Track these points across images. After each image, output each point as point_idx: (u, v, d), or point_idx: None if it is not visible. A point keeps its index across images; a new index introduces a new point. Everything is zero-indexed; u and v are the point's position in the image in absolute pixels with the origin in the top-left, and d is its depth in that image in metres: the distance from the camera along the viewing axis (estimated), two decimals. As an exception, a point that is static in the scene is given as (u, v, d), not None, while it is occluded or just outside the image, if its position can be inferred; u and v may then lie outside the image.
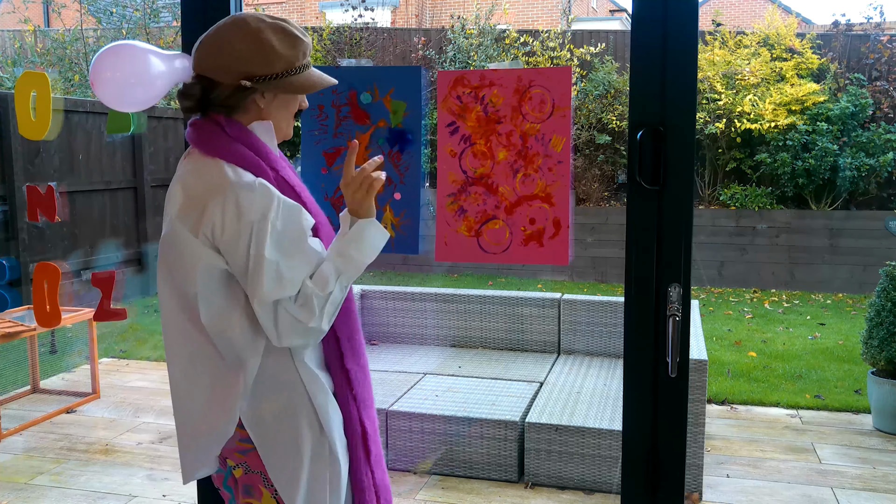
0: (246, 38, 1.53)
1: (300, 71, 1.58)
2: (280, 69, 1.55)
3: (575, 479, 3.47)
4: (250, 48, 1.53)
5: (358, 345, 1.69)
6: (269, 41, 1.53)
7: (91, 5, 11.33)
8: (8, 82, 9.59)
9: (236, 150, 1.53)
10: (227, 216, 1.48)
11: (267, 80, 1.55)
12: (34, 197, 2.34)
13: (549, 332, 4.72)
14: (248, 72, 1.53)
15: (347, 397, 1.65)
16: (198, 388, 1.61)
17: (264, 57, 1.53)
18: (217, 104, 1.57)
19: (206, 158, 1.55)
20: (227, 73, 1.54)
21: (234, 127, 1.56)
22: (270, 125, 1.61)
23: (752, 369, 5.41)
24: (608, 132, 9.31)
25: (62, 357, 5.66)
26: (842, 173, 8.22)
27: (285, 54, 1.55)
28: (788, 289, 8.33)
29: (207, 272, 1.52)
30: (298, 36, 1.58)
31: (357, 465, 1.66)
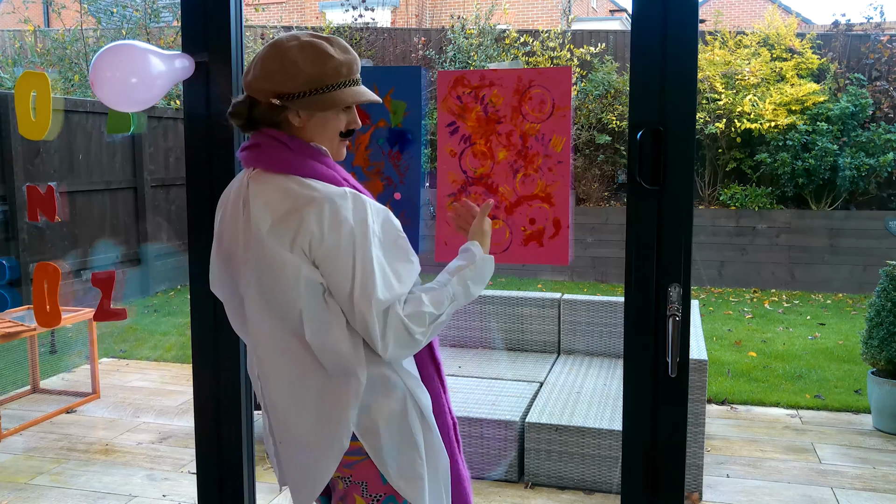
0: (273, 57, 1.55)
1: (332, 89, 1.56)
2: (304, 88, 1.54)
3: (575, 479, 3.47)
4: (275, 66, 1.55)
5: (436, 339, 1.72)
6: (294, 59, 1.54)
7: (91, 5, 11.32)
8: (8, 82, 9.59)
9: (309, 166, 1.55)
10: (325, 226, 1.47)
11: (292, 98, 1.54)
12: (34, 197, 2.34)
13: (549, 332, 4.72)
14: (275, 90, 1.55)
15: (439, 389, 1.69)
16: (307, 407, 1.60)
17: (286, 75, 1.54)
18: (258, 121, 1.60)
19: (280, 176, 1.54)
20: (261, 91, 1.56)
21: (296, 142, 1.57)
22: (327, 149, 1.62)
23: (752, 369, 5.40)
24: (608, 132, 9.30)
25: (62, 357, 5.66)
26: (842, 173, 8.22)
27: (309, 72, 1.53)
28: (788, 289, 8.33)
29: (310, 287, 1.51)
30: (328, 52, 1.55)
31: (453, 456, 1.70)
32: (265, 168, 1.57)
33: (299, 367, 1.58)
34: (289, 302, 1.53)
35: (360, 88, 1.61)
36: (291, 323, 1.54)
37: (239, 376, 2.14)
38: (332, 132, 1.62)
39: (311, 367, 1.57)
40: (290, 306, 1.53)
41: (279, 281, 1.52)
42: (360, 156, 2.01)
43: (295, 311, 1.52)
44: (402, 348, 1.52)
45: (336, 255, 1.48)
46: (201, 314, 2.15)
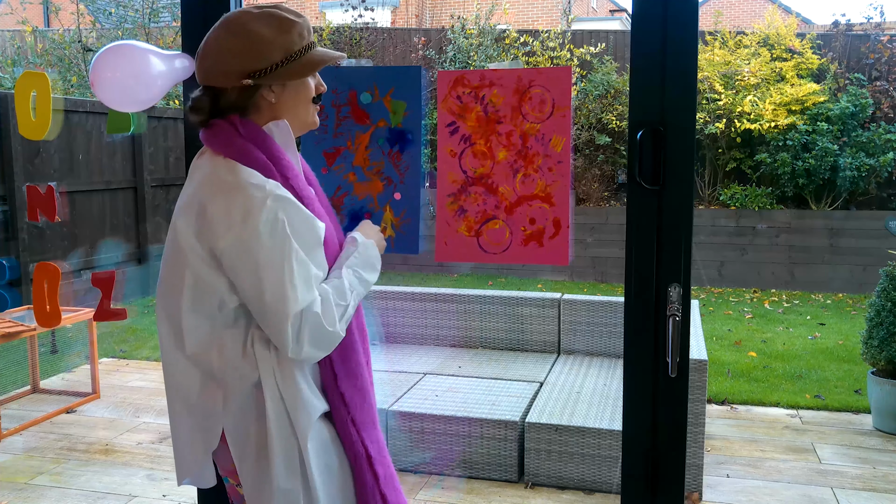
0: (235, 35, 1.47)
1: (301, 54, 1.51)
2: (277, 58, 1.48)
3: (575, 479, 3.47)
4: (242, 44, 1.46)
5: (355, 365, 1.60)
6: (259, 32, 1.47)
7: (90, 6, 11.32)
8: (8, 82, 9.59)
9: (248, 151, 1.47)
10: (232, 217, 1.41)
11: (267, 72, 1.48)
12: (34, 197, 2.34)
13: (549, 332, 4.72)
14: (247, 69, 1.47)
15: (346, 420, 1.57)
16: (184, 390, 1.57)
17: (257, 49, 1.46)
18: (228, 109, 1.51)
19: (217, 157, 1.49)
20: (227, 76, 1.48)
21: (248, 127, 1.50)
22: (286, 125, 1.54)
23: (752, 369, 5.41)
24: (608, 132, 9.31)
25: (62, 357, 5.66)
26: (842, 173, 8.22)
27: (279, 41, 1.48)
28: (788, 289, 8.33)
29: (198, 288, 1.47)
30: (290, 18, 1.50)
31: (364, 490, 1.58)
32: (209, 147, 1.52)
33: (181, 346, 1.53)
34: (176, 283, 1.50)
35: (323, 49, 1.57)
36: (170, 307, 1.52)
37: (239, 376, 2.14)
38: (306, 100, 1.58)
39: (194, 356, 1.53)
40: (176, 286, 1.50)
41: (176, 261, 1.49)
42: (360, 156, 2.01)
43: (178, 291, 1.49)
44: (320, 345, 1.45)
45: (240, 251, 1.41)
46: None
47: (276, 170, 1.48)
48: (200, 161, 1.55)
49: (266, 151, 1.49)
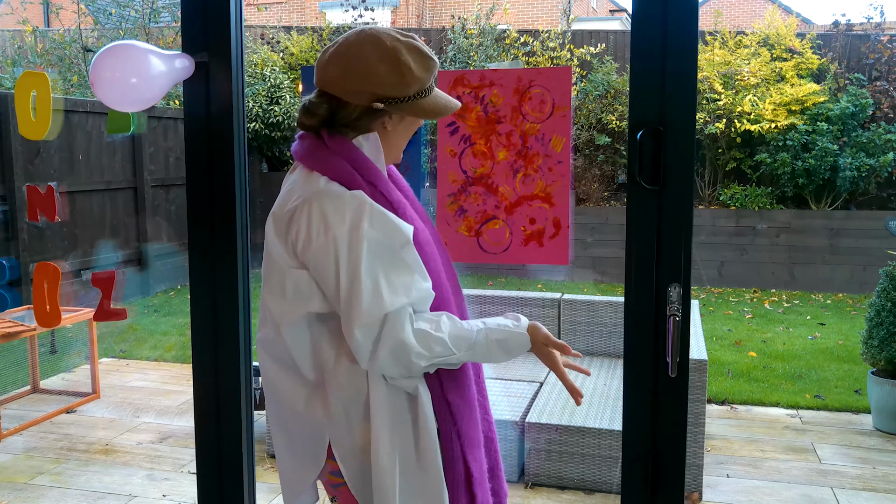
0: (384, 59, 1.44)
1: (428, 93, 1.51)
2: (413, 92, 1.47)
3: (575, 479, 3.47)
4: (388, 69, 1.44)
5: (463, 377, 1.55)
6: (408, 63, 1.45)
7: (90, 6, 11.32)
8: (8, 82, 9.59)
9: (335, 164, 1.45)
10: (312, 227, 1.40)
11: (400, 102, 1.47)
12: (34, 197, 2.34)
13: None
14: (383, 94, 1.46)
15: (451, 434, 1.50)
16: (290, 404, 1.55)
17: (401, 79, 1.45)
18: (343, 124, 1.49)
19: (304, 171, 1.48)
20: (360, 93, 1.46)
21: (335, 141, 1.47)
22: (376, 138, 1.51)
23: (752, 369, 5.40)
24: (608, 132, 9.31)
25: (62, 357, 5.66)
26: (842, 173, 8.22)
27: (420, 77, 1.47)
28: (788, 289, 8.33)
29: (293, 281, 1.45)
30: (431, 57, 1.50)
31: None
32: (300, 162, 1.51)
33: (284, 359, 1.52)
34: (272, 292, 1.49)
35: (443, 94, 1.57)
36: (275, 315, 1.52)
37: (239, 376, 2.14)
38: (411, 133, 1.58)
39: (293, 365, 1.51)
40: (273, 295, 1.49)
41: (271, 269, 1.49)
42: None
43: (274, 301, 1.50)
44: (393, 364, 1.41)
45: (325, 261, 1.40)
46: (201, 314, 2.15)
47: (363, 178, 1.46)
48: (291, 176, 1.55)
49: (353, 162, 1.47)
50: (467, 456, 1.52)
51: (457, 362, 1.48)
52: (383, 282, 1.39)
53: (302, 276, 1.44)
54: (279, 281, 1.47)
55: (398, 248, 1.42)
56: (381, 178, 1.49)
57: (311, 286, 1.44)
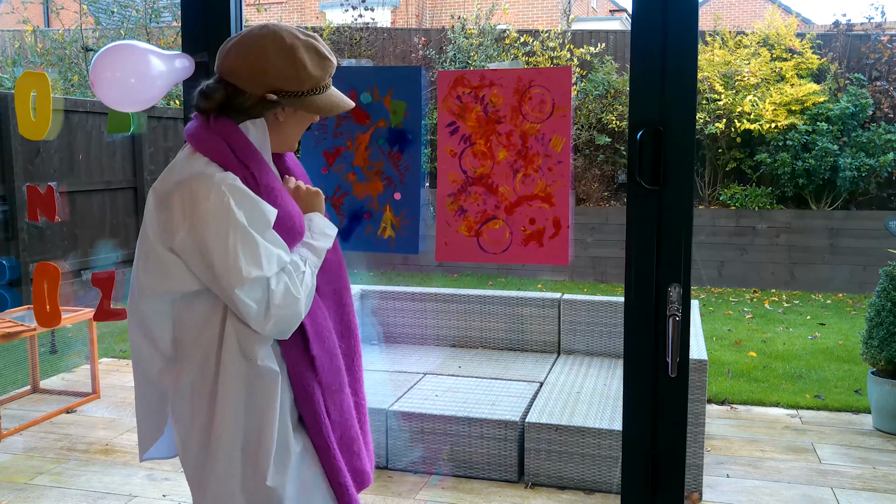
0: (281, 54, 1.53)
1: (323, 91, 1.60)
2: (307, 88, 1.56)
3: (575, 479, 3.47)
4: (284, 64, 1.53)
5: (323, 329, 1.65)
6: (303, 60, 1.54)
7: (91, 5, 11.32)
8: (8, 82, 9.59)
9: (215, 145, 1.53)
10: (184, 208, 1.47)
11: (293, 96, 1.56)
12: (34, 197, 2.34)
13: (549, 332, 4.72)
14: (278, 87, 1.54)
15: (311, 383, 1.61)
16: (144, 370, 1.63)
17: (296, 75, 1.54)
18: (237, 110, 1.56)
19: (189, 150, 1.56)
20: (256, 83, 1.54)
21: (220, 123, 1.55)
22: (263, 123, 1.59)
23: (752, 369, 5.41)
24: (608, 132, 9.31)
25: (62, 357, 5.66)
26: (842, 173, 8.22)
27: (315, 74, 1.56)
28: (788, 289, 8.33)
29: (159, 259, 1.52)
30: (328, 58, 1.60)
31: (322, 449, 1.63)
32: (189, 142, 1.58)
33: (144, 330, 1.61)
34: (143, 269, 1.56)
35: (338, 92, 1.66)
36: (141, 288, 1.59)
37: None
38: (303, 128, 1.66)
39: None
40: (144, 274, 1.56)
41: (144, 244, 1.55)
42: (360, 156, 2.01)
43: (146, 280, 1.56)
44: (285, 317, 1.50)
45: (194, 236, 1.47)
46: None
47: (239, 160, 1.53)
48: (180, 152, 1.62)
49: (232, 144, 1.54)
50: (328, 402, 1.64)
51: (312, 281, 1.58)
52: (257, 245, 1.47)
53: (168, 256, 1.51)
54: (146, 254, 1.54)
55: (263, 229, 1.50)
56: (259, 162, 1.56)
57: (177, 266, 1.51)
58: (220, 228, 1.46)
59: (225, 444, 1.54)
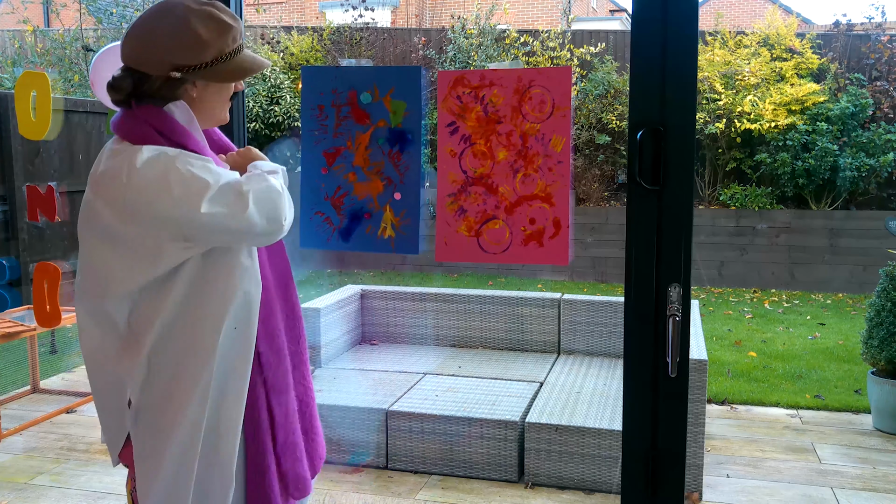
0: (173, 28, 1.49)
1: (231, 57, 1.55)
2: (210, 58, 1.52)
3: (575, 479, 3.47)
4: (178, 38, 1.49)
5: (273, 328, 1.63)
6: (196, 30, 1.49)
7: (91, 5, 11.32)
8: (8, 82, 9.59)
9: (143, 131, 1.50)
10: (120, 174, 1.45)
11: (197, 69, 1.51)
12: (34, 197, 2.34)
13: (549, 332, 4.72)
14: (178, 63, 1.50)
15: (255, 381, 1.58)
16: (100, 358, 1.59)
17: (193, 47, 1.49)
18: (149, 96, 1.53)
19: (119, 141, 1.54)
20: (156, 65, 1.50)
21: (143, 109, 1.52)
22: (185, 104, 1.55)
23: (752, 369, 5.41)
24: (608, 132, 9.31)
25: (62, 357, 5.66)
26: (842, 173, 8.22)
27: (214, 42, 1.51)
28: (788, 289, 8.33)
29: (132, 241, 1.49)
30: (227, 21, 1.54)
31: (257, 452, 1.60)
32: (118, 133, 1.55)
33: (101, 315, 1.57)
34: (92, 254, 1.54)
35: (250, 54, 1.60)
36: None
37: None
38: (224, 99, 1.63)
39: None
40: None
41: (94, 229, 1.52)
42: (360, 156, 2.01)
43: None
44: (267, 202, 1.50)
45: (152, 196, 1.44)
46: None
47: (171, 141, 1.51)
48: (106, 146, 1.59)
49: (159, 127, 1.51)
50: (272, 401, 1.61)
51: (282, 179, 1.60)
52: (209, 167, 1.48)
53: (137, 234, 1.47)
54: (113, 242, 1.49)
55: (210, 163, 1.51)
56: (192, 139, 1.53)
57: (150, 243, 1.47)
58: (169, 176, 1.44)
59: (186, 428, 1.50)
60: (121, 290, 1.50)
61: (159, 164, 1.45)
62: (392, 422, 3.67)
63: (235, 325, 1.54)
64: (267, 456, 1.61)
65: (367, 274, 9.02)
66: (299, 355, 1.72)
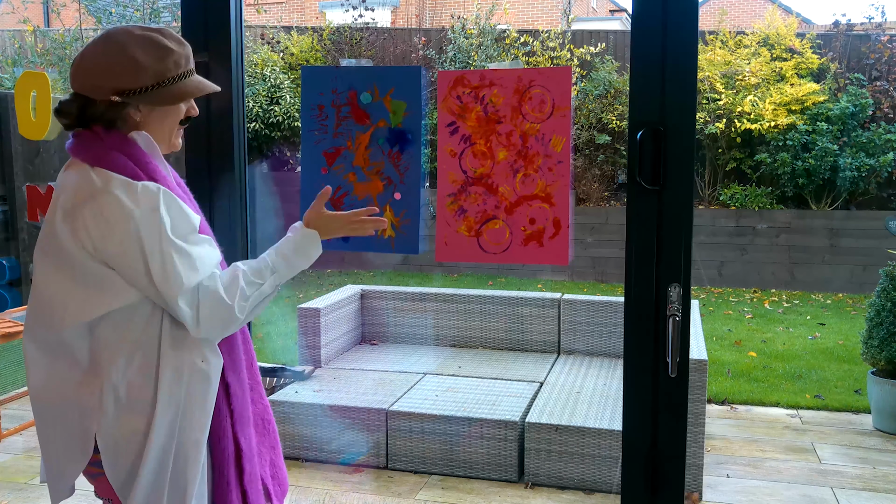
0: (111, 53, 1.52)
1: (174, 81, 1.56)
2: (149, 82, 1.53)
3: (575, 479, 3.47)
4: (116, 63, 1.51)
5: (238, 360, 1.65)
6: (133, 55, 1.52)
7: (91, 5, 11.32)
8: (8, 82, 9.59)
9: (113, 158, 1.51)
10: (110, 218, 1.46)
11: (137, 93, 1.53)
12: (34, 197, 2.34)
13: (549, 332, 4.71)
14: (117, 87, 1.52)
15: (224, 413, 1.60)
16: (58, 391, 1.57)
17: (130, 71, 1.52)
18: (94, 119, 1.55)
19: (85, 167, 1.53)
20: (98, 89, 1.53)
21: (112, 137, 1.54)
22: (148, 136, 1.57)
23: (752, 369, 5.40)
24: (608, 132, 9.30)
25: (62, 357, 5.66)
26: (842, 173, 8.22)
27: (153, 67, 1.53)
28: (788, 289, 8.33)
29: (91, 274, 1.49)
30: (168, 46, 1.55)
31: (223, 484, 1.60)
32: (75, 157, 1.56)
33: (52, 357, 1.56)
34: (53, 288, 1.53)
35: (198, 78, 1.62)
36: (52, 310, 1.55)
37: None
38: (173, 123, 1.63)
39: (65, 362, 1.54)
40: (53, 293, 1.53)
41: (57, 261, 1.51)
42: (360, 156, 2.01)
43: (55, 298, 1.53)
44: (220, 322, 1.51)
45: (126, 244, 1.46)
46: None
47: (144, 173, 1.52)
48: (67, 173, 1.59)
49: (132, 157, 1.53)
50: (238, 433, 1.62)
51: (271, 290, 1.58)
52: (191, 255, 1.49)
53: (104, 271, 1.49)
54: (73, 271, 1.50)
55: (192, 230, 1.53)
56: (160, 174, 1.55)
57: (115, 280, 1.49)
58: (153, 237, 1.46)
59: (156, 452, 1.51)
60: (79, 319, 1.51)
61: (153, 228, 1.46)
62: (392, 422, 3.67)
63: (202, 359, 1.55)
64: (234, 491, 1.61)
65: (367, 274, 9.02)
66: (254, 376, 1.73)
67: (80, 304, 1.50)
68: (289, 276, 1.61)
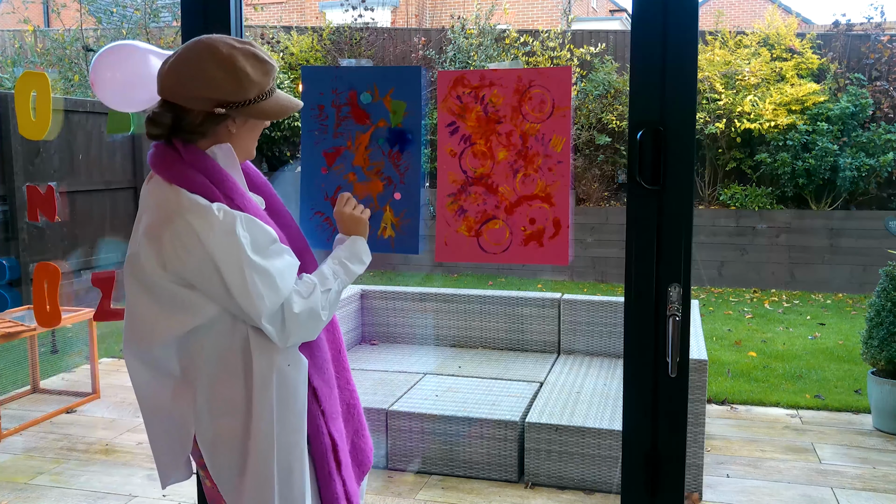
0: (221, 66, 1.52)
1: (269, 95, 1.60)
2: (253, 95, 1.56)
3: (575, 479, 3.47)
4: (225, 76, 1.52)
5: (322, 361, 1.71)
6: (244, 68, 1.53)
7: (91, 5, 11.32)
8: (8, 82, 9.59)
9: (192, 177, 1.52)
10: (186, 243, 1.48)
11: (241, 106, 1.55)
12: (34, 197, 2.35)
13: (549, 332, 4.72)
14: (222, 99, 1.53)
15: (316, 412, 1.67)
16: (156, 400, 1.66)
17: (239, 84, 1.53)
18: (188, 131, 1.56)
19: (164, 184, 1.55)
20: (200, 100, 1.53)
21: (190, 152, 1.55)
22: (229, 147, 1.60)
23: (752, 369, 5.41)
24: (608, 132, 9.30)
25: (62, 357, 5.66)
26: (842, 173, 8.22)
27: (258, 81, 1.56)
28: (788, 289, 8.33)
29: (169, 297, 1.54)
30: (268, 61, 1.59)
31: (327, 476, 1.68)
32: (157, 171, 1.58)
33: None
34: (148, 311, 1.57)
35: (285, 94, 1.68)
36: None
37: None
38: (258, 135, 1.67)
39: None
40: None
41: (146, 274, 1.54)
42: (360, 156, 2.01)
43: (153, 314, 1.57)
44: (304, 329, 1.56)
45: (204, 269, 1.48)
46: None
47: (220, 191, 1.54)
48: (149, 187, 1.61)
49: (208, 175, 1.54)
50: (331, 429, 1.70)
51: (339, 289, 1.66)
52: (271, 273, 1.51)
53: (182, 291, 1.52)
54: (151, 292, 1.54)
55: (271, 241, 1.55)
56: (237, 190, 1.57)
57: (196, 298, 1.52)
58: (231, 260, 1.48)
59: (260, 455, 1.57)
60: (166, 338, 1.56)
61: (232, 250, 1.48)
62: (392, 422, 3.67)
63: (289, 363, 1.60)
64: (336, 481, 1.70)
65: (367, 274, 9.02)
66: (341, 362, 1.80)
67: (165, 325, 1.55)
68: (350, 280, 1.70)
